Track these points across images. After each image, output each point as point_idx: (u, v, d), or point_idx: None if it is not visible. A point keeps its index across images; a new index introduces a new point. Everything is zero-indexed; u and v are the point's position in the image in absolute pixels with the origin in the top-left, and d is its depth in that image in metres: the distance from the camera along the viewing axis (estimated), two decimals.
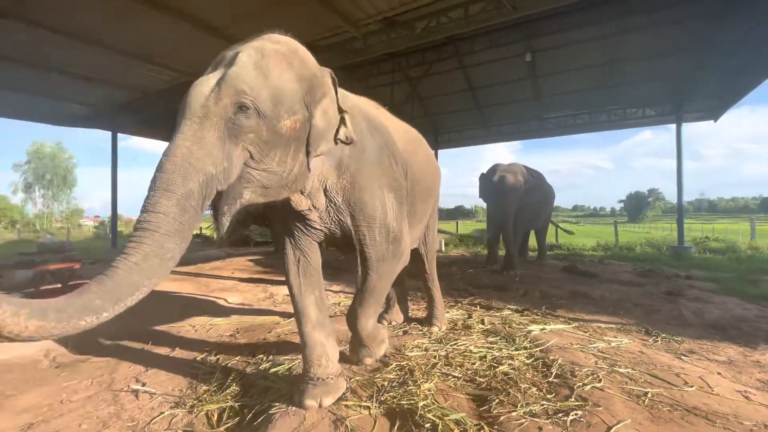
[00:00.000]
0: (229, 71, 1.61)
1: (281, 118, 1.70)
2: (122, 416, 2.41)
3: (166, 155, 1.50)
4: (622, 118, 11.88)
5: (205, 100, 1.57)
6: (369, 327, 2.70)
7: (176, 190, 1.45)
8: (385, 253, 2.44)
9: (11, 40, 6.42)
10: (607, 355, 3.09)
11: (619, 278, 7.05)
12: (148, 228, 1.41)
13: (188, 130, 1.53)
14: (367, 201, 2.30)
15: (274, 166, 1.74)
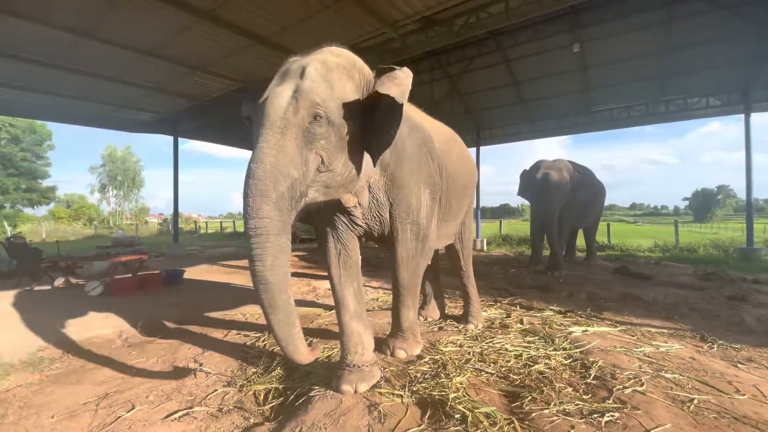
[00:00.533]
0: (303, 85, 1.79)
1: (345, 124, 1.90)
2: (183, 391, 2.71)
3: (255, 162, 1.71)
4: (683, 109, 10.89)
5: (284, 112, 1.76)
6: (410, 317, 2.86)
7: (271, 194, 1.69)
8: (413, 251, 2.62)
9: (85, 56, 7.28)
10: (654, 359, 2.94)
11: (677, 281, 6.55)
12: (262, 233, 1.70)
13: (272, 139, 1.73)
14: (404, 197, 2.46)
15: (338, 168, 1.94)
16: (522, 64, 10.73)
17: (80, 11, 5.77)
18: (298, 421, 2.12)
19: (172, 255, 11.03)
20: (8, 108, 10.24)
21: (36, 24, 6.02)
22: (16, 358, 3.30)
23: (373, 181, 2.38)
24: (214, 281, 7.03)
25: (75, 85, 8.73)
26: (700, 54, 9.11)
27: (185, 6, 5.68)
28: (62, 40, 6.63)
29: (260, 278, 1.70)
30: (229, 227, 28.19)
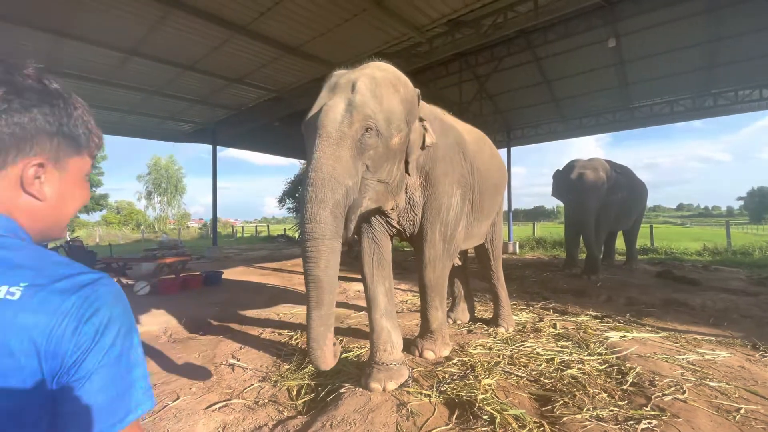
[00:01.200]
0: (356, 99, 1.92)
1: (392, 135, 2.03)
2: (222, 384, 2.87)
3: (314, 171, 1.85)
4: (733, 102, 10.11)
5: (340, 124, 1.89)
6: (439, 317, 2.88)
7: (328, 201, 1.83)
8: (440, 251, 2.67)
9: (134, 72, 7.87)
10: (698, 367, 2.78)
11: (728, 286, 6.11)
12: (318, 237, 1.84)
13: (328, 149, 1.86)
14: (437, 196, 2.55)
15: (384, 176, 2.08)
16: (553, 62, 10.41)
17: (129, 31, 6.26)
18: (329, 416, 2.21)
19: (211, 257, 11.61)
20: None
21: (92, 45, 6.60)
22: None
23: (410, 182, 2.47)
24: (251, 281, 7.33)
25: (126, 99, 9.45)
26: (750, 42, 8.46)
27: (223, 22, 6.02)
28: (114, 59, 7.22)
29: (312, 278, 1.84)
30: (263, 231, 29.18)
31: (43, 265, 0.55)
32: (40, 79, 0.61)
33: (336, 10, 5.75)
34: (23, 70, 0.59)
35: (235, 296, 5.99)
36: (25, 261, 0.55)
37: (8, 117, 0.56)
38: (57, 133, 0.61)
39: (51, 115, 0.60)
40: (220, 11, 5.77)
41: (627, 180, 7.78)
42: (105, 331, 0.54)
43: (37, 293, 0.52)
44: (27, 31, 6.06)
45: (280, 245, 17.26)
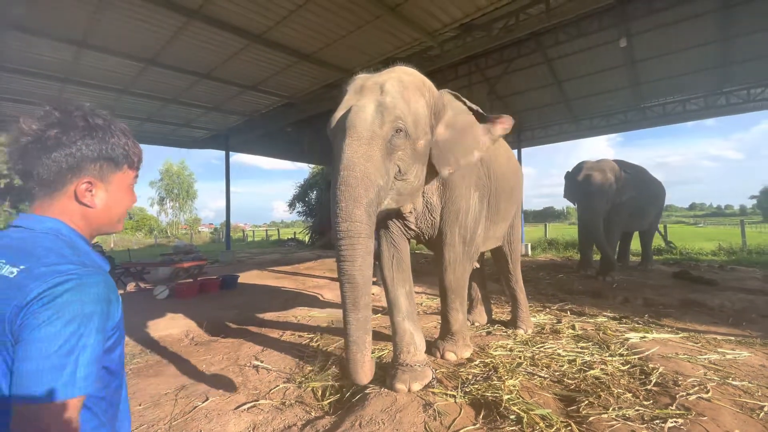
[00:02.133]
0: (386, 100, 1.95)
1: (419, 138, 2.07)
2: (248, 385, 2.95)
3: (346, 171, 1.86)
4: (746, 101, 9.98)
5: (371, 125, 1.91)
6: (460, 319, 2.90)
7: (362, 200, 1.84)
8: (460, 254, 2.69)
9: (151, 81, 8.06)
10: (720, 367, 2.78)
11: (745, 286, 6.04)
12: (354, 236, 1.83)
13: (360, 149, 1.88)
14: (455, 199, 2.57)
15: (411, 178, 2.11)
16: (564, 63, 10.38)
17: (148, 42, 6.43)
18: (357, 416, 2.26)
19: (225, 261, 11.77)
20: None
21: (111, 55, 6.78)
22: None
23: (427, 186, 2.49)
24: (266, 285, 7.44)
25: (143, 108, 9.67)
26: (763, 40, 8.35)
27: (240, 31, 6.16)
28: (132, 68, 7.40)
29: (348, 277, 1.83)
30: (273, 235, 29.42)
31: (45, 255, 0.72)
32: (85, 117, 0.81)
33: (351, 17, 5.84)
34: (74, 112, 0.80)
35: (252, 299, 6.09)
36: (37, 251, 0.72)
37: (62, 150, 0.77)
38: (99, 158, 0.82)
39: (93, 145, 0.81)
40: (237, 20, 5.90)
41: (640, 180, 7.72)
42: (47, 311, 0.65)
43: (25, 274, 0.68)
44: (47, 42, 6.25)
45: (291, 249, 17.41)
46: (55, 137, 0.76)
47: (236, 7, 5.56)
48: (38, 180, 0.78)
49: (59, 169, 0.77)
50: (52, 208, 0.80)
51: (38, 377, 0.63)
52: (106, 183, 0.84)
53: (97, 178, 0.82)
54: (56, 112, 0.78)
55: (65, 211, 0.80)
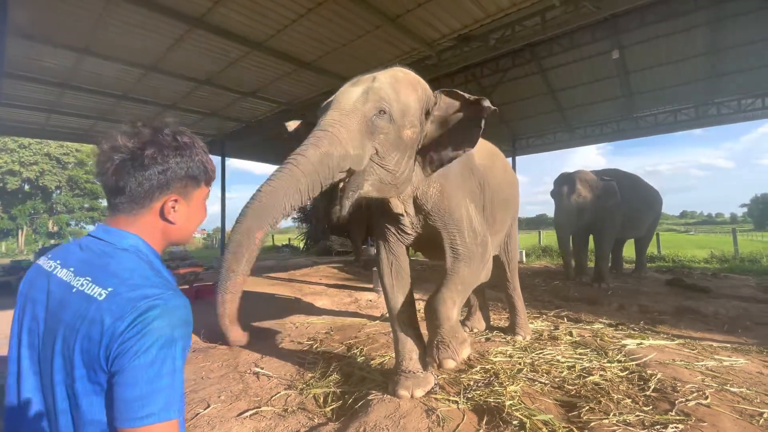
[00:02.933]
0: (374, 84, 2.03)
1: (405, 127, 2.09)
2: (249, 392, 2.94)
3: (319, 128, 1.87)
4: (736, 111, 10.23)
5: (354, 101, 1.97)
6: (453, 316, 2.42)
7: (322, 147, 1.80)
8: (475, 252, 2.56)
9: (152, 87, 8.10)
10: (718, 373, 2.83)
11: (738, 293, 6.14)
12: (291, 163, 1.75)
13: (338, 116, 1.91)
14: (454, 208, 2.54)
15: (391, 165, 2.09)
16: (559, 73, 10.59)
17: (149, 49, 6.47)
18: (361, 422, 2.27)
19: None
20: (83, 136, 11.43)
21: (112, 62, 6.80)
22: None
23: (420, 192, 2.48)
24: (261, 292, 7.40)
25: (143, 113, 9.64)
26: (752, 53, 8.61)
27: (240, 39, 6.22)
28: (132, 75, 7.42)
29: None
30: (268, 241, 29.30)
31: (130, 277, 0.74)
32: (174, 135, 0.84)
33: (351, 27, 5.94)
34: (164, 129, 0.84)
35: (249, 306, 6.02)
36: (119, 271, 0.75)
37: (156, 168, 0.80)
38: (185, 176, 0.85)
39: (182, 163, 0.84)
40: (239, 29, 5.97)
41: (630, 188, 7.77)
42: (143, 338, 0.68)
43: (114, 298, 0.71)
44: (49, 49, 6.27)
45: (285, 255, 17.34)
46: (151, 156, 0.79)
47: (239, 16, 5.62)
48: (129, 196, 0.80)
49: (151, 186, 0.80)
50: (136, 224, 0.83)
51: (141, 402, 0.67)
52: (187, 200, 0.88)
53: (181, 195, 0.86)
54: (147, 130, 0.82)
55: (147, 226, 0.83)
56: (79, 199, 30.06)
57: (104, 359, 0.68)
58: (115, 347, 0.67)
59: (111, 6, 5.22)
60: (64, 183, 29.26)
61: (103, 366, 0.69)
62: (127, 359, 0.67)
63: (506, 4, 5.45)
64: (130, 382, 0.67)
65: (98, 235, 0.82)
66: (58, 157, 28.34)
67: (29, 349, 0.78)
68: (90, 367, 0.69)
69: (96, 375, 0.69)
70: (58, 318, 0.74)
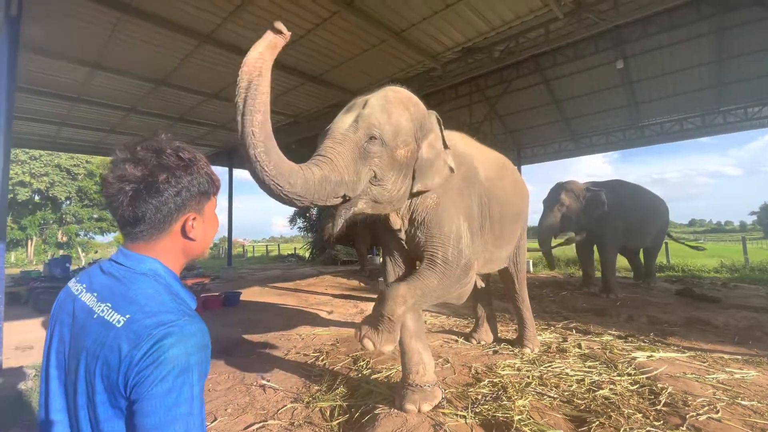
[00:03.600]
0: (364, 111, 2.08)
1: (398, 147, 2.14)
2: (255, 405, 2.93)
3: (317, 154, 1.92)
4: (743, 119, 10.21)
5: (346, 130, 2.03)
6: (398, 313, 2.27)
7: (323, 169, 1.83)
8: (452, 272, 2.44)
9: (161, 100, 8.28)
10: (729, 386, 2.79)
11: (749, 304, 6.03)
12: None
13: (331, 144, 1.97)
14: (445, 222, 2.52)
15: (388, 185, 2.14)
16: (563, 83, 10.67)
17: (159, 64, 6.64)
18: None
19: (226, 278, 11.74)
20: (94, 148, 11.71)
21: (123, 76, 6.98)
22: None
23: (418, 202, 2.51)
24: (268, 302, 7.42)
25: (152, 126, 9.83)
26: (758, 61, 8.62)
27: None
28: (143, 89, 7.60)
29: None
30: (273, 250, 29.35)
31: (147, 303, 0.75)
32: (177, 154, 0.83)
33: (357, 42, 6.06)
34: (166, 150, 0.82)
35: (255, 317, 6.07)
36: (137, 297, 0.76)
37: (170, 191, 0.81)
38: (198, 193, 0.86)
39: (193, 181, 0.85)
40: (247, 44, 6.00)
41: (632, 199, 7.71)
42: (159, 367, 0.69)
43: (131, 325, 0.72)
44: (62, 64, 6.45)
45: (291, 264, 17.37)
46: (165, 180, 0.80)
47: (247, 32, 5.76)
48: (149, 223, 0.81)
49: (169, 210, 0.81)
50: (156, 248, 0.84)
51: (160, 430, 0.68)
52: (202, 215, 0.89)
53: (197, 211, 0.87)
54: (150, 154, 0.81)
55: (167, 248, 0.85)
56: (89, 209, 30.43)
57: (123, 386, 0.69)
58: (132, 375, 0.69)
59: (122, 23, 5.38)
60: (74, 194, 29.67)
61: (123, 393, 0.70)
62: (145, 388, 0.68)
63: (510, 17, 5.52)
64: (149, 410, 0.68)
65: (118, 260, 0.83)
66: (69, 168, 28.80)
67: (57, 369, 0.80)
68: (111, 393, 0.71)
69: (116, 400, 0.71)
70: (80, 342, 0.76)
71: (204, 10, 5.23)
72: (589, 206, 7.19)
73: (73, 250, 25.89)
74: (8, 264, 22.79)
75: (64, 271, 8.94)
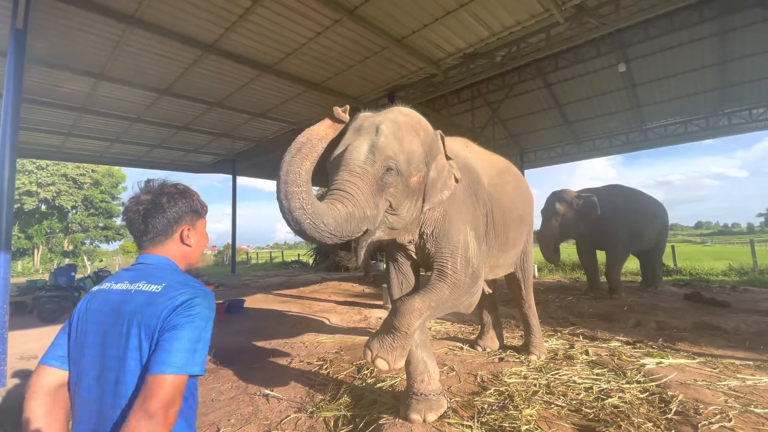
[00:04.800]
0: (379, 141, 2.05)
1: (412, 175, 2.15)
2: (259, 415, 2.90)
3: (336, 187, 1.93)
4: (748, 121, 10.15)
5: (363, 162, 2.00)
6: (414, 327, 2.31)
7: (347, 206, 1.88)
8: (462, 281, 2.46)
9: (165, 110, 8.35)
10: (741, 393, 2.73)
11: (760, 308, 5.93)
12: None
13: (349, 178, 1.96)
14: (453, 233, 2.53)
15: (403, 213, 2.17)
16: (565, 87, 10.67)
17: (163, 74, 6.70)
18: None
19: (230, 285, 11.74)
20: (99, 158, 11.80)
21: (127, 87, 7.05)
22: None
23: (427, 215, 2.49)
24: (271, 309, 7.40)
25: (155, 135, 9.96)
26: (762, 62, 8.58)
27: (251, 63, 6.42)
28: (146, 98, 7.67)
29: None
30: (277, 257, 29.41)
31: (173, 278, 1.08)
32: (175, 186, 1.21)
33: (359, 49, 6.09)
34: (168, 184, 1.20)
35: (259, 325, 6.05)
36: (165, 275, 1.09)
37: (170, 209, 1.15)
38: (191, 211, 1.20)
39: (187, 202, 1.19)
40: (250, 53, 6.16)
41: (628, 202, 7.69)
42: (192, 311, 1.00)
43: (168, 290, 1.03)
44: (69, 75, 6.53)
45: (295, 271, 17.37)
46: (166, 201, 1.14)
47: (249, 41, 5.81)
48: (155, 232, 1.14)
49: (169, 222, 1.15)
50: (164, 250, 1.16)
51: (181, 354, 0.94)
52: (195, 228, 1.22)
53: (191, 224, 1.20)
54: (155, 186, 1.19)
55: (172, 252, 1.17)
56: (94, 218, 30.67)
57: (160, 327, 0.97)
58: (171, 317, 0.98)
59: (127, 34, 5.44)
60: (80, 203, 29.94)
61: (158, 330, 0.97)
62: (179, 322, 0.97)
63: (511, 23, 5.53)
64: (178, 337, 0.96)
65: (137, 261, 1.14)
66: (75, 178, 29.09)
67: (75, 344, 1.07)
68: (147, 336, 0.98)
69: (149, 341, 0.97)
70: (119, 312, 1.02)
71: (206, 20, 5.28)
72: (583, 211, 7.33)
73: (79, 258, 26.03)
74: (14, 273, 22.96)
75: (69, 280, 8.97)
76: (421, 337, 2.69)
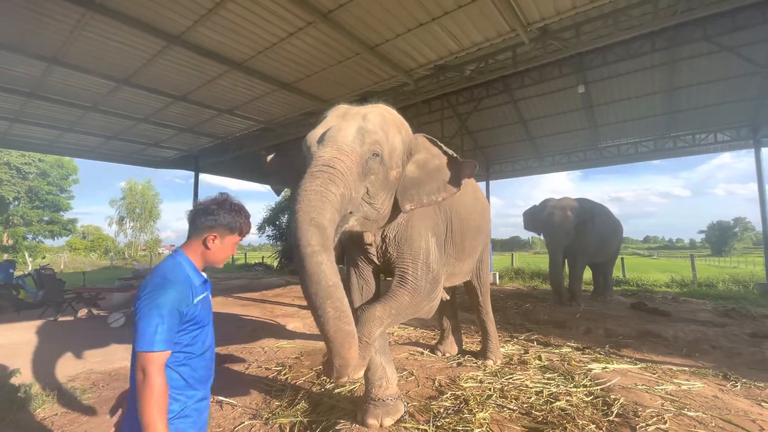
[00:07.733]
0: (368, 126, 2.04)
1: (392, 168, 2.16)
2: (211, 423, 2.78)
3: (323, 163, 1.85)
4: (691, 144, 11.09)
5: (352, 142, 1.96)
6: (374, 336, 2.32)
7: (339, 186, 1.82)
8: (422, 287, 2.50)
9: (124, 101, 7.91)
10: (676, 397, 2.94)
11: (697, 318, 6.45)
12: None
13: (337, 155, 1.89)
14: (415, 238, 2.57)
15: (377, 204, 2.14)
16: (529, 104, 11.17)
17: (124, 62, 6.36)
18: None
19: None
20: (48, 147, 10.93)
21: (83, 73, 6.63)
22: (47, 388, 3.43)
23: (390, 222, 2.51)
24: (231, 313, 7.15)
25: (112, 126, 9.38)
26: (706, 92, 9.42)
27: (219, 58, 6.23)
28: (104, 87, 7.24)
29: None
30: (240, 259, 28.44)
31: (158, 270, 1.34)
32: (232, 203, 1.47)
33: (331, 53, 6.08)
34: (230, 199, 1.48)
35: (217, 329, 5.75)
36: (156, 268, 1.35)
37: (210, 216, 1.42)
38: (225, 225, 1.44)
39: (227, 217, 1.43)
40: (219, 48, 5.99)
41: (599, 216, 8.25)
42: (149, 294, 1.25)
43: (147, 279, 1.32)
44: (20, 58, 6.06)
45: (258, 274, 16.86)
46: (212, 209, 1.42)
47: (219, 36, 5.66)
48: (194, 227, 1.42)
49: (204, 225, 1.41)
50: (190, 246, 1.43)
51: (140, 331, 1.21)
52: (222, 239, 1.44)
53: (220, 234, 1.43)
54: (222, 198, 1.46)
55: (193, 248, 1.43)
56: (39, 211, 28.37)
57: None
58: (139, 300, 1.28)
59: (86, 18, 5.13)
60: (23, 194, 27.63)
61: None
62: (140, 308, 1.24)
63: (479, 39, 5.75)
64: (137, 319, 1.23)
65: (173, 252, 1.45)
66: (19, 167, 26.85)
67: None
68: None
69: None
70: None
71: (174, 11, 5.08)
72: (584, 223, 7.79)
73: (19, 254, 23.91)
74: None
75: (7, 277, 8.25)
76: (381, 342, 2.69)
